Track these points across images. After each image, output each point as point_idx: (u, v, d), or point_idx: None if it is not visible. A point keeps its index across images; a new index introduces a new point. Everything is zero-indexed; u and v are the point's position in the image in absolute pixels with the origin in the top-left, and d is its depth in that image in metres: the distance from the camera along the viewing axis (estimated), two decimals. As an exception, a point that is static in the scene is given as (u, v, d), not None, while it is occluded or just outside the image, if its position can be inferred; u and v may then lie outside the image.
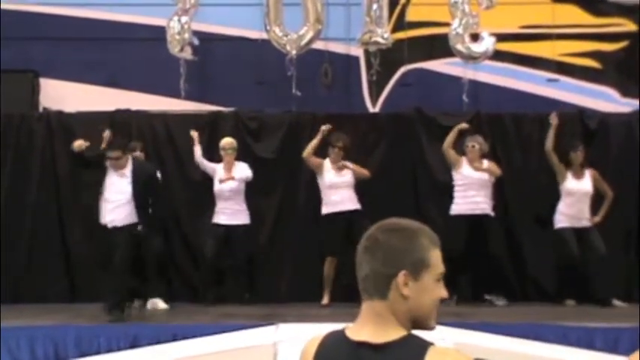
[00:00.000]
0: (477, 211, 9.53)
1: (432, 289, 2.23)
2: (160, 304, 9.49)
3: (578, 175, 9.62)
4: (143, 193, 8.73)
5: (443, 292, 2.26)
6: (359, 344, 2.24)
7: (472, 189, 9.53)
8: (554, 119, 9.60)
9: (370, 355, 2.21)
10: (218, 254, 9.73)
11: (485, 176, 9.57)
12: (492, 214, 9.62)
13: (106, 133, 9.42)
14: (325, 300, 9.61)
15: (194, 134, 9.84)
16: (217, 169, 9.72)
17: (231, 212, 9.69)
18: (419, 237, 2.26)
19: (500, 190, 9.92)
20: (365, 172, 9.69)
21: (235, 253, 9.77)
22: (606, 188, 9.68)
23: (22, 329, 7.70)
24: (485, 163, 9.65)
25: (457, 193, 9.64)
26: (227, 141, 9.78)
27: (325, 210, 9.64)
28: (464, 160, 9.60)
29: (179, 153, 10.30)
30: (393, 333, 2.21)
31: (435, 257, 2.25)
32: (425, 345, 2.17)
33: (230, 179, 9.63)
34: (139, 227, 8.67)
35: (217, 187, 9.70)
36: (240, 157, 9.83)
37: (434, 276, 2.23)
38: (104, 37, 10.82)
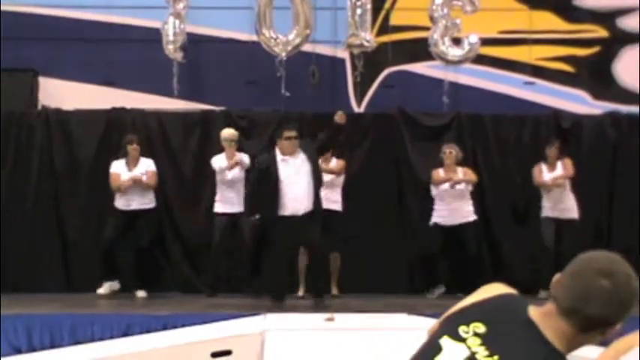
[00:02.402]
0: (458, 222, 9.42)
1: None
2: None
3: (552, 168, 9.55)
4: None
5: None
6: (532, 321, 2.13)
7: (449, 200, 9.43)
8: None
9: (535, 334, 2.11)
10: (224, 242, 9.52)
11: (461, 187, 9.45)
12: (474, 218, 9.50)
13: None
14: (301, 291, 9.48)
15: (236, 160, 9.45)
16: (218, 161, 9.49)
17: (232, 200, 9.46)
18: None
19: (478, 187, 9.86)
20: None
21: (239, 240, 9.55)
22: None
23: (19, 317, 7.57)
24: (460, 171, 9.53)
25: (436, 205, 9.53)
26: (230, 132, 9.54)
27: None
28: (441, 173, 9.49)
29: (172, 149, 10.20)
30: (557, 344, 2.11)
31: None
32: None
33: (234, 165, 9.38)
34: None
35: (220, 175, 9.45)
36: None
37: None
38: (102, 38, 10.69)
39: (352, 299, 9.08)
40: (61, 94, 10.57)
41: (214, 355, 7.07)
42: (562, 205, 9.47)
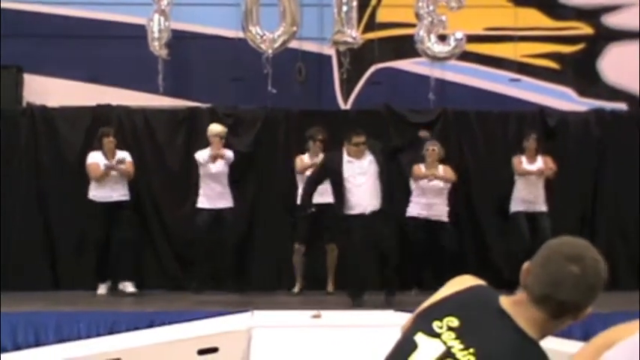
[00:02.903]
0: (432, 217, 9.45)
1: None
2: None
3: (532, 160, 9.55)
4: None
5: None
6: (504, 311, 2.14)
7: (428, 195, 9.44)
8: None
9: (508, 323, 2.12)
10: (207, 238, 9.50)
11: (440, 184, 9.47)
12: (447, 219, 9.49)
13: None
14: (297, 288, 9.49)
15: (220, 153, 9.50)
16: (203, 154, 9.48)
17: (216, 195, 9.47)
18: None
19: (465, 182, 9.87)
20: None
21: (223, 235, 9.56)
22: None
23: (3, 315, 7.50)
24: (440, 168, 9.53)
25: (413, 198, 9.58)
26: (219, 129, 9.54)
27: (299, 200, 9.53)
28: (422, 168, 9.50)
29: (158, 146, 10.17)
30: (530, 332, 2.12)
31: None
32: None
33: (217, 157, 9.38)
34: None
35: (204, 169, 9.45)
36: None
37: None
38: (87, 34, 10.59)
39: (344, 296, 9.05)
40: (46, 90, 10.48)
41: (201, 352, 7.03)
42: (534, 199, 9.50)
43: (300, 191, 9.27)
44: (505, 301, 2.16)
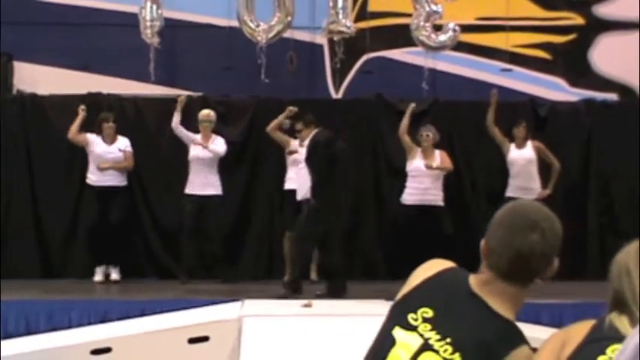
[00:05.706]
0: (426, 202, 9.47)
1: None
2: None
3: (521, 146, 9.64)
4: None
5: None
6: (475, 294, 2.18)
7: (423, 180, 9.47)
8: (494, 95, 9.65)
9: (481, 307, 2.15)
10: (194, 225, 9.51)
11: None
12: (442, 204, 9.54)
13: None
14: (287, 276, 9.50)
15: (182, 99, 9.61)
16: (193, 138, 9.52)
17: (203, 182, 9.48)
18: None
19: (455, 171, 9.86)
20: None
21: (208, 223, 9.56)
22: (552, 159, 9.70)
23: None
24: (437, 154, 9.56)
25: (409, 183, 9.58)
26: (205, 112, 9.61)
27: (286, 186, 9.55)
28: (418, 152, 9.53)
29: (149, 135, 10.16)
30: (504, 312, 2.15)
31: None
32: (520, 342, 2.11)
33: (204, 147, 9.42)
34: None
35: (192, 153, 9.49)
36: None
37: None
38: (78, 22, 10.55)
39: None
40: (37, 78, 10.45)
41: (191, 340, 7.07)
42: (528, 185, 9.55)
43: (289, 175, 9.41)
44: (474, 283, 2.19)
